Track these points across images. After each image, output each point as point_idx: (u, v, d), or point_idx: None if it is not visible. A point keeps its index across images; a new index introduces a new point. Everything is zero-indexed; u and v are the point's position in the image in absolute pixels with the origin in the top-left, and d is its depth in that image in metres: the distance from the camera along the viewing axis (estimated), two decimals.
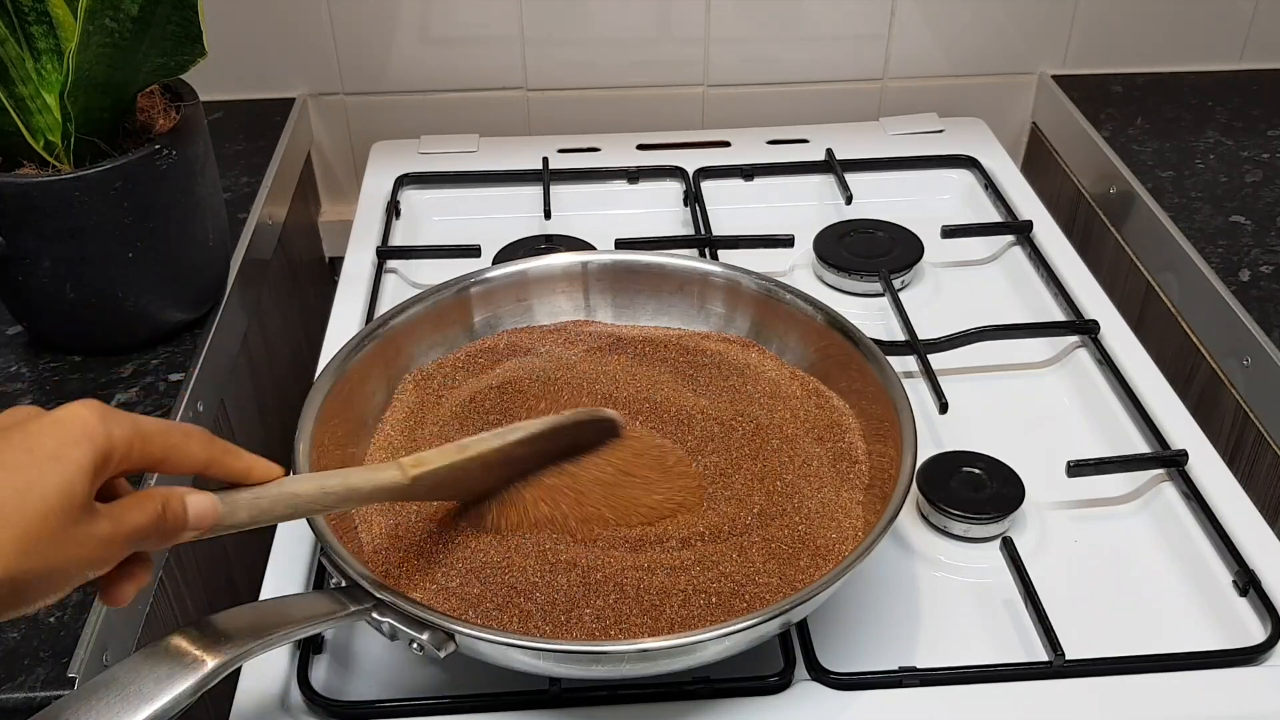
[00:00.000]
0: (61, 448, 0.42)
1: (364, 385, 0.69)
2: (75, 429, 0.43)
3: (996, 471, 0.71)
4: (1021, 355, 0.83)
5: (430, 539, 0.62)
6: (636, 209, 1.01)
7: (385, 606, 0.54)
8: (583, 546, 0.61)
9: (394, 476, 0.55)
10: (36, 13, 0.70)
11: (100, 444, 0.43)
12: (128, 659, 0.46)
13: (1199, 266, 0.86)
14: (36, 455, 0.41)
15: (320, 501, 0.52)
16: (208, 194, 0.77)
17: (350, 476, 0.54)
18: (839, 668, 0.60)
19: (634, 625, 0.57)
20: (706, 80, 1.11)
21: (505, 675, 0.57)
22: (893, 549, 0.68)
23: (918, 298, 0.89)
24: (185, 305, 0.79)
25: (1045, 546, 0.69)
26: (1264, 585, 0.64)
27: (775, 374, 0.73)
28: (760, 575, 0.59)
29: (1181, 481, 0.71)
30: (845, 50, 1.10)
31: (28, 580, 0.41)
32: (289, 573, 0.66)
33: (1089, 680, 0.60)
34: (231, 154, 1.00)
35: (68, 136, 0.70)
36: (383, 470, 0.55)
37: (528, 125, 1.12)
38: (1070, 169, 1.09)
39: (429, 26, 1.06)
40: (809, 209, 1.00)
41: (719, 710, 0.58)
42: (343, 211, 1.14)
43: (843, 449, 0.67)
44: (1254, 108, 1.08)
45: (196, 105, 0.77)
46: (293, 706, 0.59)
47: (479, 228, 0.97)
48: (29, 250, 0.70)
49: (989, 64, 1.13)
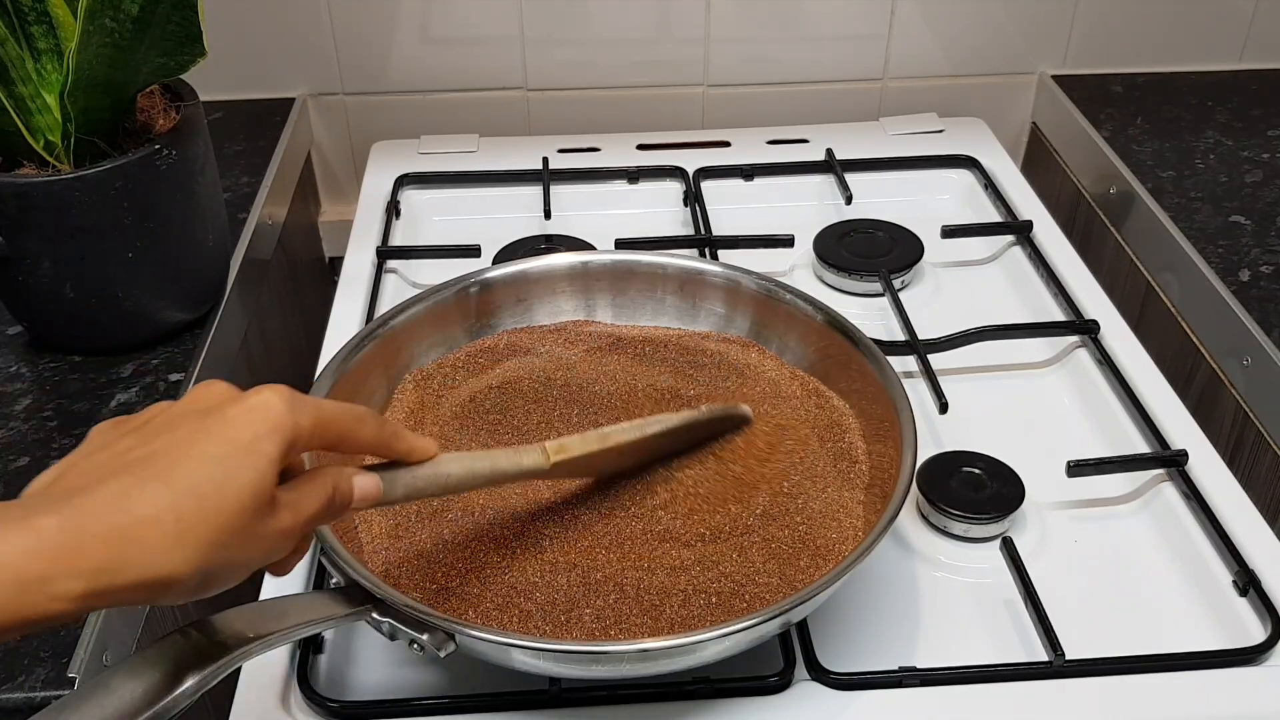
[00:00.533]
0: (255, 440, 0.42)
1: (364, 385, 0.69)
2: (269, 419, 0.43)
3: (996, 471, 0.70)
4: (1021, 355, 0.83)
5: (430, 539, 0.62)
6: (636, 209, 1.01)
7: (385, 606, 0.54)
8: (582, 546, 0.61)
9: (537, 460, 0.58)
10: (36, 13, 0.70)
11: (288, 434, 0.43)
12: (128, 659, 0.46)
13: (1199, 266, 0.86)
14: (236, 447, 0.41)
15: (466, 482, 0.55)
16: (208, 194, 0.77)
17: (496, 459, 0.56)
18: (839, 668, 0.60)
19: (634, 625, 0.57)
20: (706, 80, 1.11)
21: (505, 675, 0.57)
22: (893, 549, 0.68)
23: (918, 298, 0.89)
24: (185, 305, 0.79)
25: (1045, 546, 0.69)
26: (1264, 585, 0.64)
27: (775, 374, 0.73)
28: (760, 575, 0.59)
29: (1181, 481, 0.71)
30: (845, 50, 1.10)
31: (215, 573, 0.41)
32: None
33: (1089, 680, 0.60)
34: (231, 154, 1.00)
35: (68, 136, 0.70)
36: (526, 454, 0.57)
37: (528, 125, 1.12)
38: (1070, 169, 1.09)
39: (429, 26, 1.06)
40: (809, 209, 1.00)
41: (719, 710, 0.58)
42: (343, 211, 1.14)
43: (843, 449, 0.67)
44: (1254, 108, 1.08)
45: (196, 105, 0.77)
46: (293, 706, 0.59)
47: (479, 228, 0.97)
48: (29, 250, 0.70)
49: (989, 64, 1.13)
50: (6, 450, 0.69)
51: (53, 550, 0.37)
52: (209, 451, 0.41)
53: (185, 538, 0.39)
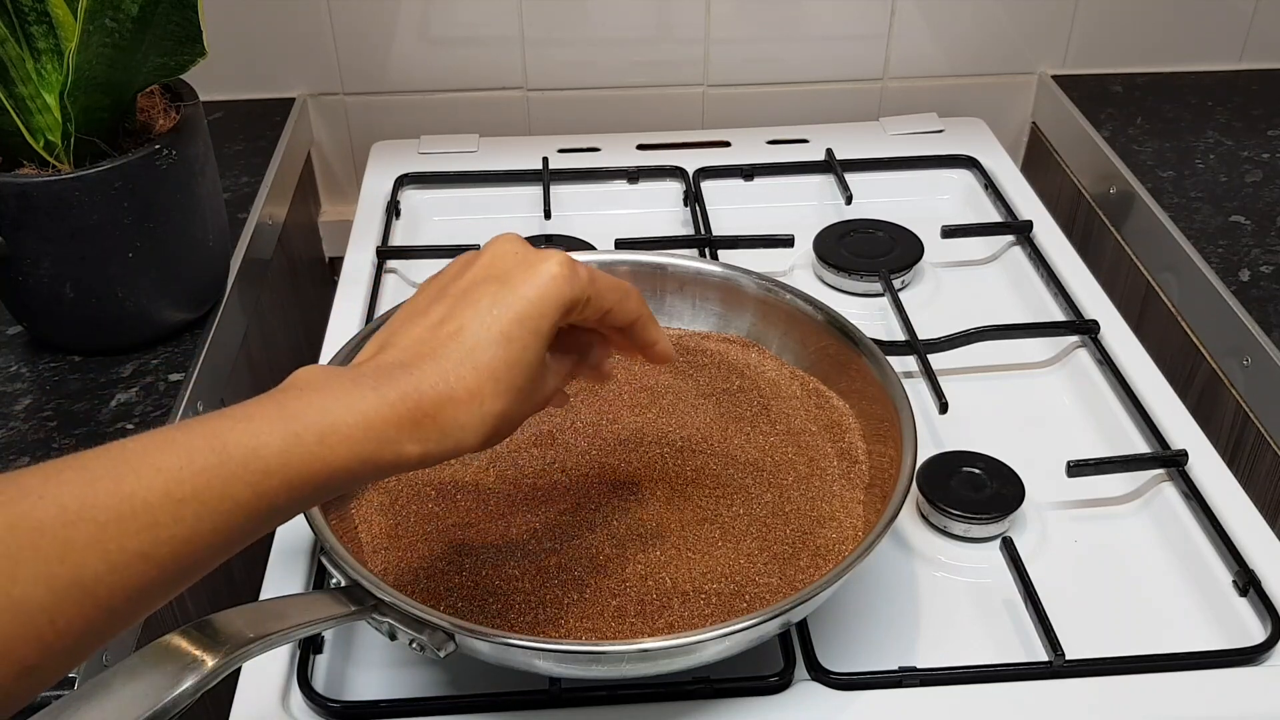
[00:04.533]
0: (541, 318, 0.49)
1: None
2: (553, 294, 0.49)
3: (996, 471, 0.71)
4: (1021, 355, 0.83)
5: (430, 539, 0.62)
6: (636, 209, 1.01)
7: (385, 606, 0.54)
8: (583, 547, 0.61)
9: None
10: (36, 13, 0.70)
11: (567, 306, 0.50)
12: (127, 659, 0.46)
13: (1199, 266, 0.86)
14: (524, 328, 0.49)
15: None
16: (208, 194, 0.77)
17: None
18: (839, 668, 0.60)
19: (634, 625, 0.57)
20: (706, 80, 1.11)
21: (505, 675, 0.57)
22: (893, 549, 0.68)
23: (918, 298, 0.89)
24: (185, 305, 0.79)
25: (1045, 546, 0.69)
26: (1264, 585, 0.64)
27: (775, 374, 0.73)
28: (760, 575, 0.59)
29: (1181, 481, 0.71)
30: (845, 50, 1.10)
31: (497, 435, 0.49)
32: (289, 573, 0.66)
33: (1089, 680, 0.60)
34: (231, 154, 1.00)
35: (68, 136, 0.70)
36: None
37: (528, 125, 1.12)
38: (1070, 169, 1.09)
39: (429, 26, 1.06)
40: (809, 209, 1.00)
41: (719, 710, 0.58)
42: (343, 211, 1.14)
43: (843, 449, 0.67)
44: (1254, 108, 1.08)
45: (196, 105, 0.77)
46: (293, 706, 0.59)
47: (479, 228, 0.97)
48: (29, 250, 0.70)
49: (989, 64, 1.13)
50: (6, 450, 0.69)
51: (399, 418, 0.45)
52: (504, 331, 0.48)
53: (487, 415, 0.48)
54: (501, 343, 0.48)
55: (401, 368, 0.47)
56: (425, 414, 0.46)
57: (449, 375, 0.47)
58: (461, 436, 0.47)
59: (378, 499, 0.64)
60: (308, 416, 0.44)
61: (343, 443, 0.44)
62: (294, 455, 0.43)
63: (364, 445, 0.44)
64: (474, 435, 0.48)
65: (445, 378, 0.47)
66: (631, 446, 0.67)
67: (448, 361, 0.47)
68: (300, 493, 0.43)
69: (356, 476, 0.45)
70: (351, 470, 0.44)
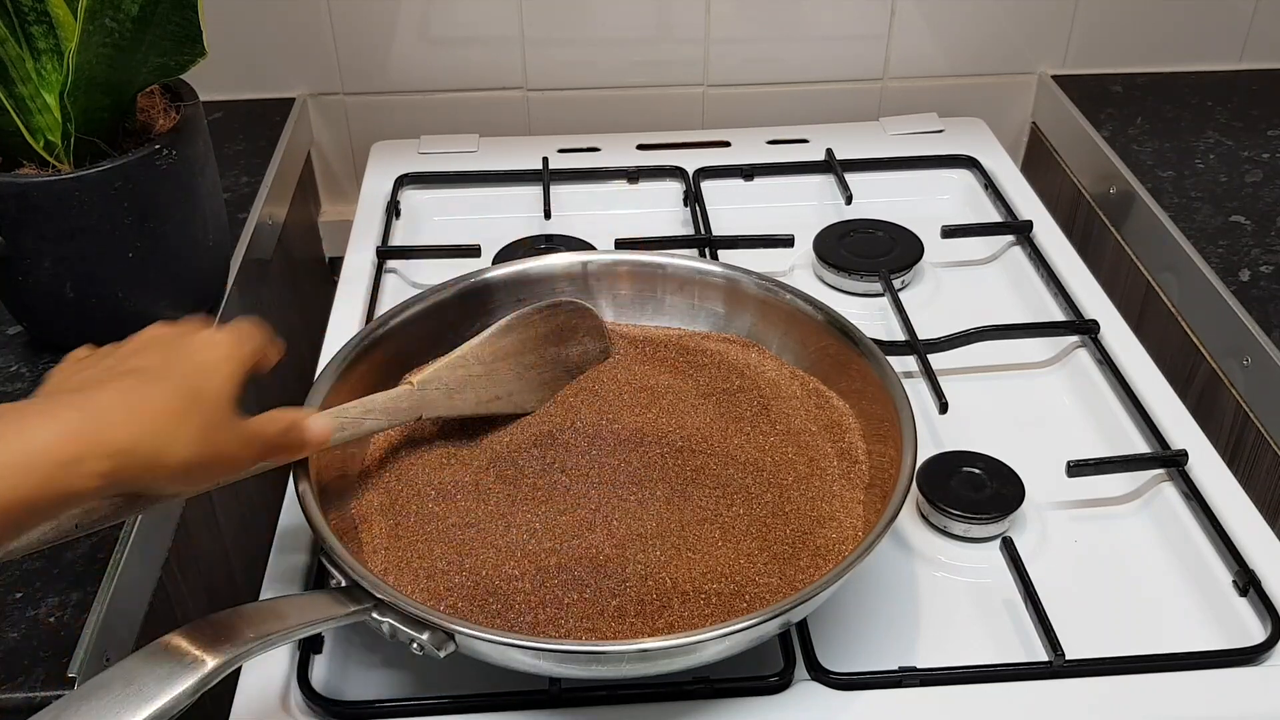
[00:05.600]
0: (220, 360, 0.52)
1: (364, 385, 0.69)
2: (223, 346, 0.53)
3: (996, 471, 0.71)
4: (1021, 355, 0.83)
5: (430, 539, 0.62)
6: (636, 209, 1.01)
7: (385, 606, 0.54)
8: (582, 547, 0.61)
9: (404, 389, 0.65)
10: (36, 13, 0.70)
11: (238, 360, 0.53)
12: (127, 659, 0.46)
13: (1199, 266, 0.86)
14: (208, 361, 0.51)
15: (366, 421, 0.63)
16: (208, 194, 0.77)
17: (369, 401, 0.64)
18: (839, 668, 0.60)
19: (634, 625, 0.57)
20: (706, 80, 1.11)
21: (505, 675, 0.57)
22: (893, 549, 0.68)
23: (918, 298, 0.89)
24: (185, 305, 0.79)
25: (1045, 546, 0.69)
26: (1264, 585, 0.64)
27: (775, 374, 0.73)
28: (760, 575, 0.59)
29: (1181, 481, 0.71)
30: (845, 50, 1.10)
31: (205, 461, 0.49)
32: (289, 573, 0.66)
33: (1089, 680, 0.60)
34: (231, 154, 1.00)
35: (68, 136, 0.70)
36: (395, 390, 0.65)
37: (528, 125, 1.12)
38: (1070, 169, 1.09)
39: (429, 26, 1.06)
40: (809, 209, 1.00)
41: (719, 710, 0.58)
42: (343, 211, 1.14)
43: (843, 449, 0.67)
44: (1254, 108, 1.08)
45: (196, 105, 0.77)
46: (293, 706, 0.59)
47: (479, 228, 0.97)
48: (29, 250, 0.70)
49: (989, 64, 1.13)
50: None
51: (80, 434, 0.44)
52: (191, 361, 0.51)
53: (185, 423, 0.47)
54: (193, 368, 0.50)
55: (85, 389, 0.48)
56: (112, 424, 0.45)
57: (139, 388, 0.48)
58: (158, 443, 0.46)
59: (378, 499, 0.64)
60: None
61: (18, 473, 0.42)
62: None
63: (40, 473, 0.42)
64: (174, 442, 0.47)
65: (135, 389, 0.48)
66: (631, 446, 0.67)
67: (137, 379, 0.48)
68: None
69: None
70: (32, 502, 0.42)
